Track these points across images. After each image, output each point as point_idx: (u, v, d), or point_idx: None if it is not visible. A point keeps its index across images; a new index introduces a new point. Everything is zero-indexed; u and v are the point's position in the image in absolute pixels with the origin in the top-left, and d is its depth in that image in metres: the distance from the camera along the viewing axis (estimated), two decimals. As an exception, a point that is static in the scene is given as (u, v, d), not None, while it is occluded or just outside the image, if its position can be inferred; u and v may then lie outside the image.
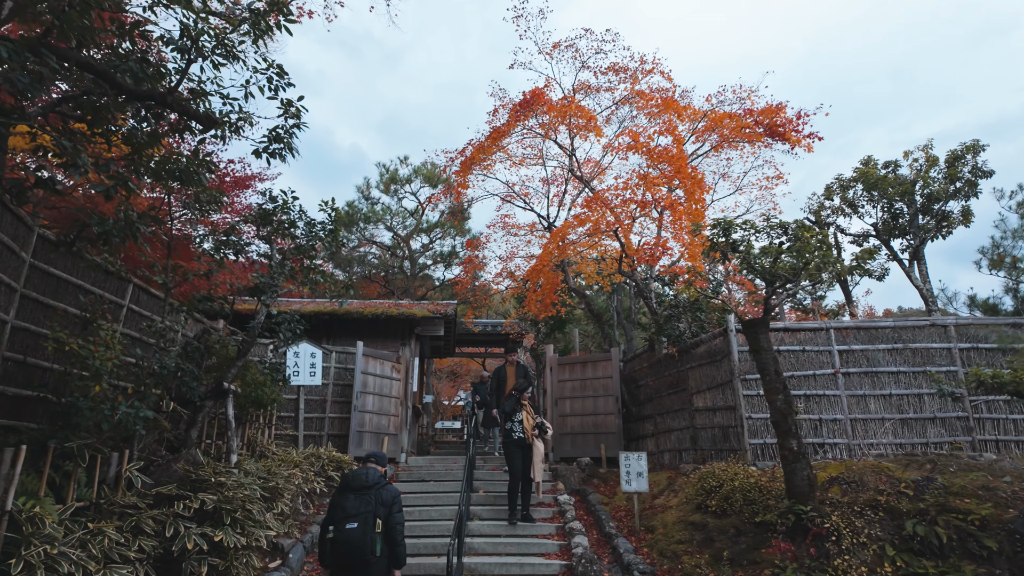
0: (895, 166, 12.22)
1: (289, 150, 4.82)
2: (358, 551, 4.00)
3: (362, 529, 4.05)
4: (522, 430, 8.11)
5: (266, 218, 7.12)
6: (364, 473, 4.36)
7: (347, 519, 4.09)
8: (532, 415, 8.23)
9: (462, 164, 12.02)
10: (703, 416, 9.16)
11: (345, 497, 4.23)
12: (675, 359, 10.06)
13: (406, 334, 13.10)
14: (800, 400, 8.04)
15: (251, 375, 7.41)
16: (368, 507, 4.15)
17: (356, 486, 4.27)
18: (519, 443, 8.08)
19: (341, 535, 4.05)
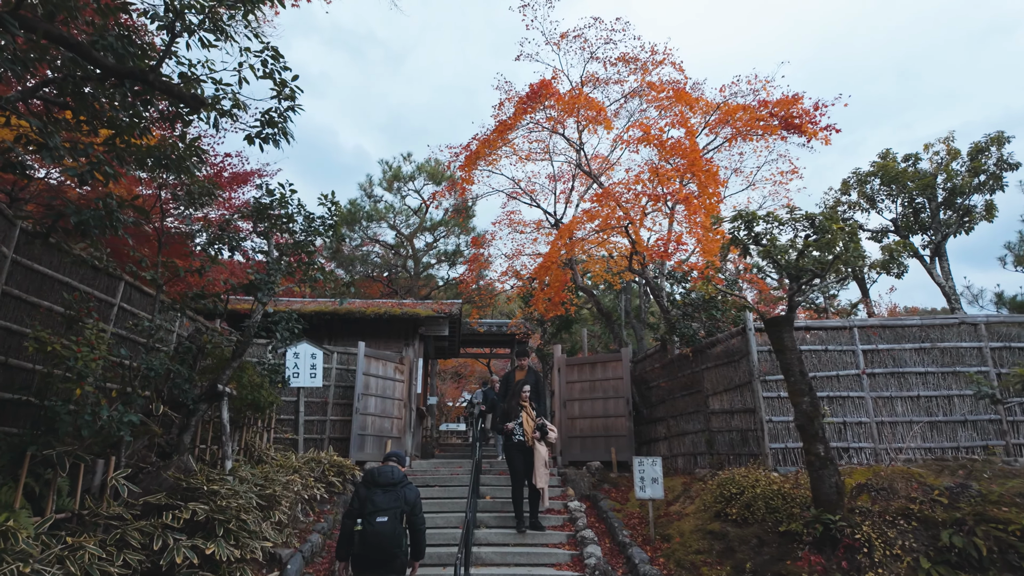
0: (915, 159, 11.85)
1: (284, 135, 4.51)
2: (387, 543, 4.23)
3: (392, 524, 4.29)
4: (522, 432, 7.70)
5: (262, 213, 6.83)
6: (390, 470, 4.60)
7: (377, 513, 4.29)
8: (533, 416, 7.77)
9: (467, 159, 11.71)
10: (720, 419, 8.82)
11: (374, 492, 4.43)
12: (689, 360, 9.73)
13: (410, 334, 12.81)
14: (823, 402, 7.69)
15: (248, 377, 7.12)
16: (397, 503, 4.39)
17: (384, 482, 4.48)
18: (519, 446, 7.70)
19: (371, 528, 4.23)
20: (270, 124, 4.47)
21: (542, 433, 7.65)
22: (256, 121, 4.50)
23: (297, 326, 6.67)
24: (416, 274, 20.65)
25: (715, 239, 8.92)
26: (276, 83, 4.43)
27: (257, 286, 6.00)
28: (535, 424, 7.72)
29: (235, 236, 6.15)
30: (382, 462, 4.99)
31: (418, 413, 13.30)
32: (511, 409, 7.88)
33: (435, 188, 19.81)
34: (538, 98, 10.71)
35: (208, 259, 5.62)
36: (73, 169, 3.14)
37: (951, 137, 11.83)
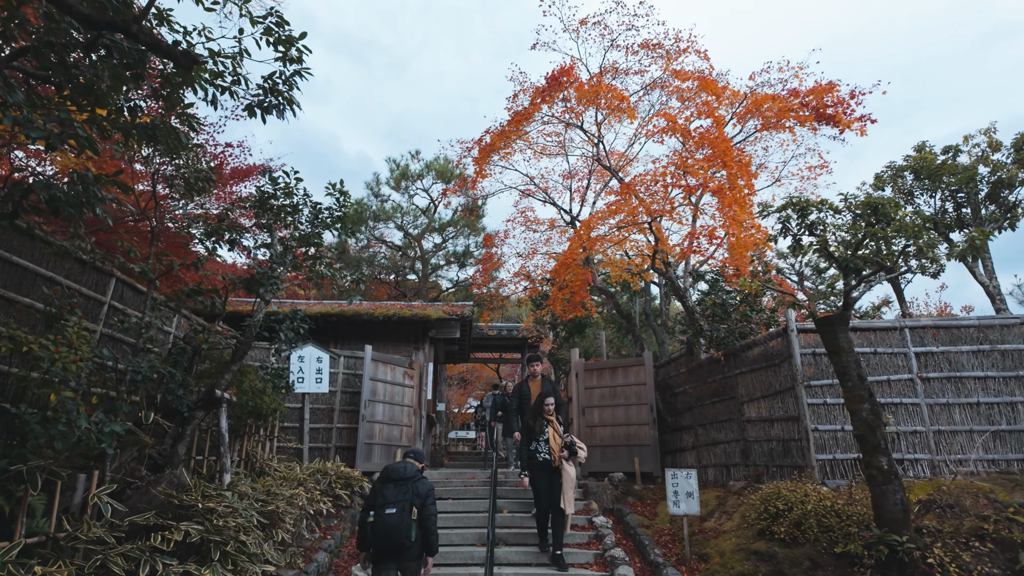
0: (955, 151, 11.27)
1: (289, 105, 3.99)
2: (395, 534, 4.47)
3: (399, 515, 4.52)
4: (548, 451, 6.81)
5: (265, 204, 6.32)
6: (403, 466, 4.85)
7: (387, 505, 4.57)
8: (560, 433, 6.89)
9: (480, 151, 11.19)
10: (756, 427, 8.24)
11: (385, 486, 4.70)
12: (720, 364, 9.16)
13: (419, 337, 12.29)
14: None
15: (249, 382, 6.60)
16: (406, 496, 4.62)
17: (396, 477, 4.74)
18: (544, 466, 6.79)
19: (381, 519, 4.52)
20: (273, 92, 3.96)
21: (570, 452, 6.74)
22: (256, 88, 3.99)
23: (303, 326, 6.16)
24: (424, 275, 20.12)
25: (749, 234, 8.37)
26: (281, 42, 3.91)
27: (259, 281, 5.49)
28: (563, 442, 6.85)
29: (235, 227, 5.65)
30: (402, 459, 5.25)
31: (428, 420, 12.76)
32: (534, 425, 6.98)
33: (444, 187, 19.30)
34: (557, 87, 10.21)
35: (206, 252, 5.11)
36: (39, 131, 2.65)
37: (992, 128, 11.26)
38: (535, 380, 8.06)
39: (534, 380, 8.07)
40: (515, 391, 8.43)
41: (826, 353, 7.40)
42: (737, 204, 8.29)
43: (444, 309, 12.08)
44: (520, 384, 8.44)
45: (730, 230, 7.98)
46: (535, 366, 8.25)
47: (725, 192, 8.01)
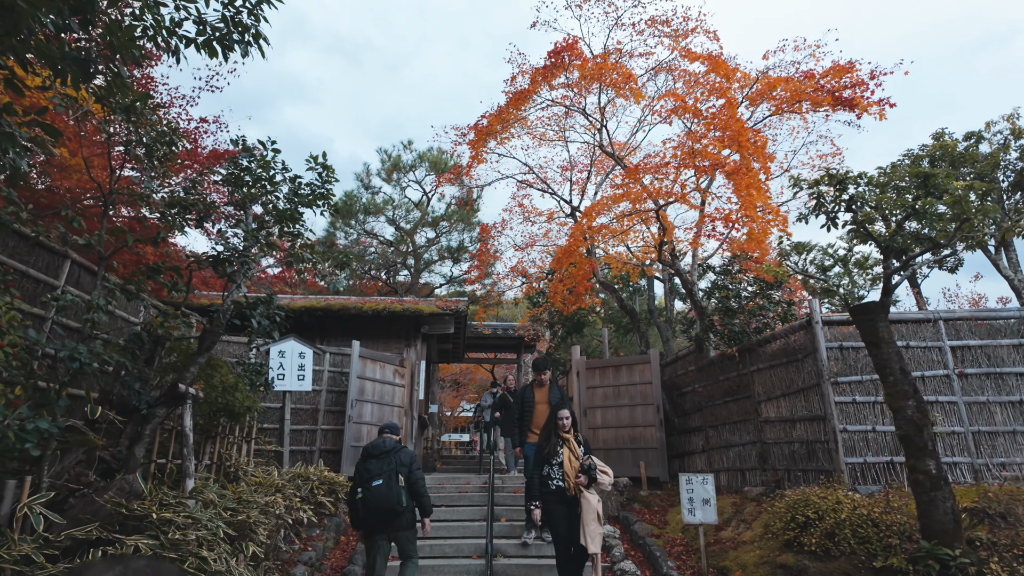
0: (977, 138, 10.80)
1: (256, 40, 3.38)
2: (386, 502, 4.72)
3: (387, 484, 4.76)
4: (562, 476, 5.11)
5: (238, 180, 5.70)
6: (382, 441, 5.10)
7: (372, 478, 4.80)
8: (578, 453, 5.24)
9: (477, 133, 10.60)
10: (775, 429, 7.69)
11: (368, 462, 4.95)
12: (734, 361, 8.60)
13: (411, 333, 11.67)
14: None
15: (220, 376, 5.97)
16: (390, 467, 4.87)
17: (376, 453, 4.98)
18: (559, 495, 5.09)
19: (369, 492, 4.75)
20: (235, 24, 3.35)
21: (590, 478, 5.10)
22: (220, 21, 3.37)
23: (278, 313, 5.53)
24: (417, 271, 19.46)
25: (766, 219, 7.82)
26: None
27: (228, 260, 4.87)
28: (581, 464, 5.18)
29: (203, 200, 5.02)
30: (378, 434, 5.41)
31: (420, 422, 12.13)
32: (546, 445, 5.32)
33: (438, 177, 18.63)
34: (559, 66, 9.65)
35: (167, 225, 4.49)
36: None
37: (1015, 115, 10.80)
38: (541, 388, 7.08)
39: (540, 388, 7.08)
40: (518, 396, 7.34)
41: (854, 347, 6.89)
42: (753, 188, 7.75)
43: (438, 304, 11.48)
44: (523, 390, 7.36)
45: (747, 214, 7.44)
46: (544, 374, 7.07)
47: (742, 173, 7.47)
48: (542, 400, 6.94)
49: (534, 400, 7.07)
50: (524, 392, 7.29)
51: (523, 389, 7.31)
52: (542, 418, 6.46)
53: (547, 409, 6.41)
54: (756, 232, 7.59)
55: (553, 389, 7.04)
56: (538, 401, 6.99)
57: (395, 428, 5.47)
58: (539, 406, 6.94)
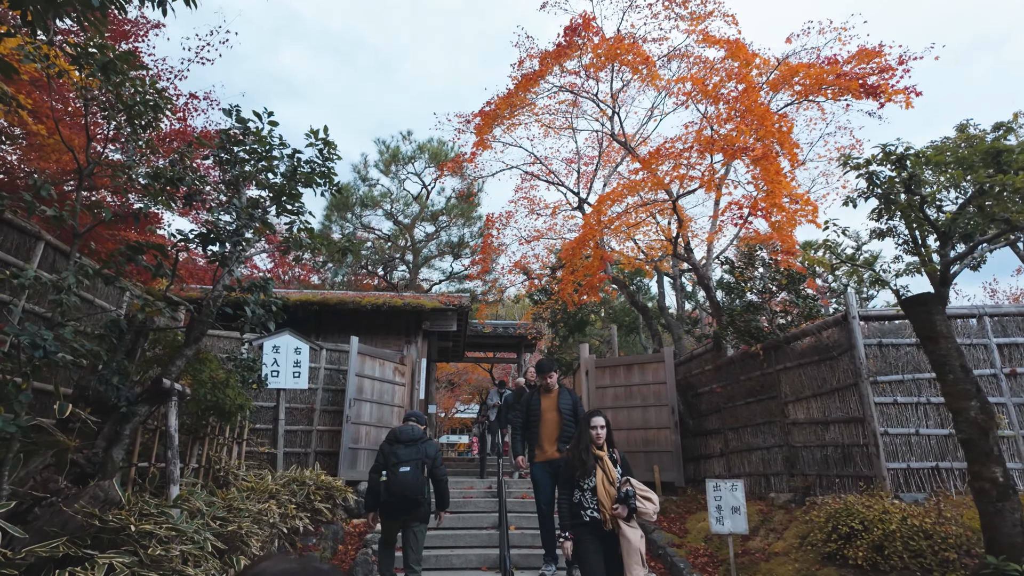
0: (1007, 129, 10.40)
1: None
2: (411, 490, 4.78)
3: (414, 473, 4.83)
4: (597, 505, 3.99)
5: (233, 156, 5.19)
6: (411, 428, 5.15)
7: (400, 464, 4.85)
8: (613, 474, 4.06)
9: (483, 117, 10.11)
10: (805, 431, 7.25)
11: (396, 447, 4.99)
12: (757, 359, 8.17)
13: (411, 330, 11.18)
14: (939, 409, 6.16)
15: (209, 372, 5.47)
16: (418, 456, 4.93)
17: (405, 439, 5.04)
18: (593, 529, 4.00)
19: (395, 477, 4.79)
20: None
21: (629, 508, 3.91)
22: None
23: (274, 302, 5.02)
24: (416, 266, 18.92)
25: (794, 210, 7.39)
26: None
27: (218, 238, 4.37)
28: (619, 489, 3.99)
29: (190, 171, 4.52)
30: (403, 421, 5.56)
31: (420, 423, 11.63)
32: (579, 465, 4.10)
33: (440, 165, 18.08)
34: (571, 46, 9.19)
35: (149, 198, 3.99)
36: None
37: (1044, 105, 10.39)
38: (549, 393, 5.82)
39: (547, 393, 5.82)
40: (523, 403, 6.06)
41: (895, 344, 6.47)
42: (779, 175, 7.33)
43: (440, 299, 11.00)
44: (528, 396, 6.01)
45: (774, 202, 7.00)
46: (550, 377, 5.80)
47: (771, 159, 7.03)
48: (550, 408, 5.70)
49: (540, 408, 5.75)
50: (529, 399, 5.91)
51: (528, 396, 5.98)
52: (552, 430, 5.60)
53: (557, 418, 5.60)
54: (783, 222, 7.16)
55: (564, 394, 5.80)
56: (545, 409, 5.70)
57: (421, 417, 5.53)
58: (547, 415, 5.67)
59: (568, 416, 5.64)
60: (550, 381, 5.84)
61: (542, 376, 5.84)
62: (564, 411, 5.66)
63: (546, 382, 5.84)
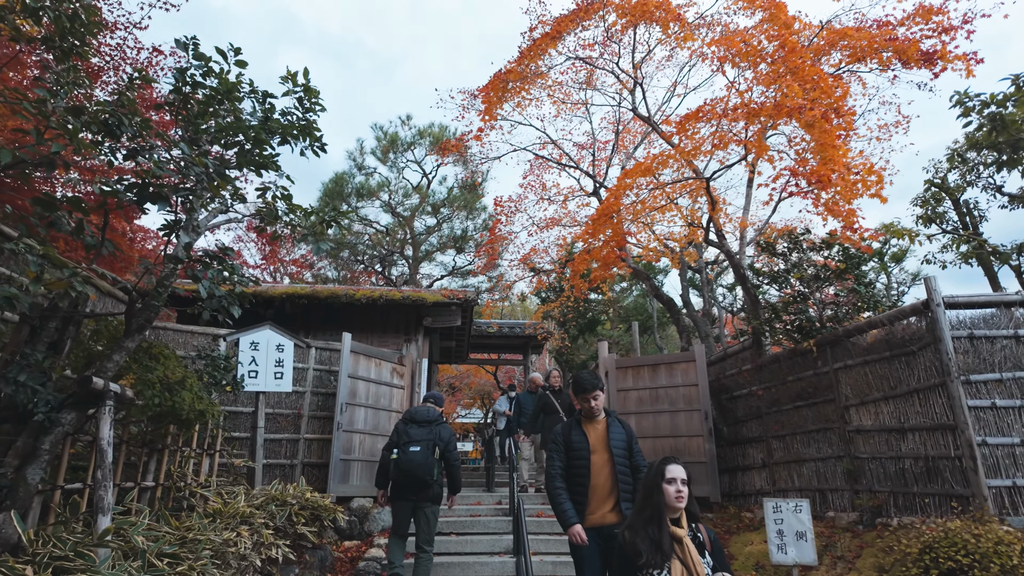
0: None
1: None
2: (420, 470, 4.88)
3: (424, 454, 4.93)
4: None
5: (184, 97, 4.23)
6: (426, 409, 5.28)
7: (411, 443, 4.98)
8: (696, 561, 2.51)
9: (492, 83, 9.13)
10: (874, 440, 6.27)
11: (409, 426, 5.13)
12: (809, 357, 7.19)
13: (411, 327, 10.21)
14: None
15: (163, 370, 4.49)
16: (430, 436, 5.04)
17: (420, 419, 5.17)
18: None
19: (405, 456, 4.93)
20: None
21: None
22: None
23: (240, 279, 4.05)
24: (415, 260, 17.89)
25: (855, 179, 6.42)
26: None
27: (160, 193, 3.37)
28: None
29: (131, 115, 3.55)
30: (422, 402, 5.58)
31: (420, 430, 10.64)
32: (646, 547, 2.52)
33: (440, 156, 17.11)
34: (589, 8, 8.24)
35: (66, 136, 3.03)
36: None
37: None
38: (594, 423, 3.94)
39: (592, 422, 3.94)
40: (556, 437, 4.00)
41: (988, 336, 5.48)
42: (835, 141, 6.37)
43: (443, 292, 10.02)
44: (565, 427, 4.02)
45: (835, 169, 6.04)
46: (595, 398, 3.89)
47: (829, 119, 6.06)
48: (599, 447, 3.82)
49: (587, 446, 3.82)
50: (568, 433, 3.94)
51: (564, 427, 4.02)
52: (602, 479, 3.73)
53: (608, 463, 3.74)
54: (843, 192, 6.19)
55: (615, 426, 3.91)
56: (594, 449, 3.82)
57: (439, 399, 5.56)
58: (596, 457, 3.79)
59: (622, 458, 3.78)
60: (595, 404, 3.88)
61: (585, 397, 3.89)
62: (617, 452, 3.76)
63: (590, 406, 3.89)
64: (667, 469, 2.67)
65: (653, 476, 2.68)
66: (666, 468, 2.67)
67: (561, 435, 3.94)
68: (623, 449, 3.83)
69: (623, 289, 26.19)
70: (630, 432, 4.00)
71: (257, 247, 16.57)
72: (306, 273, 17.85)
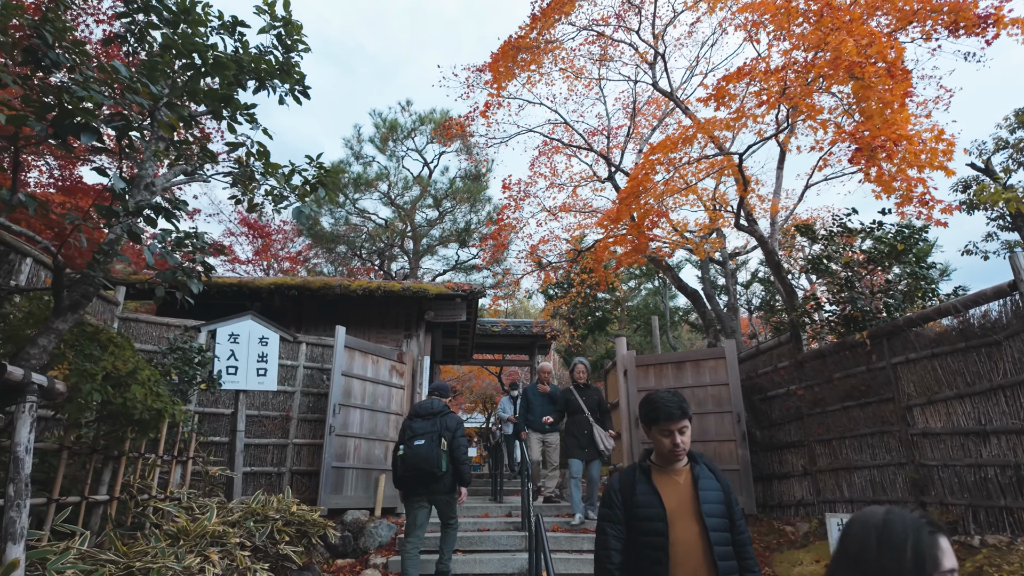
0: None
1: None
2: (425, 463, 4.84)
3: (428, 446, 4.89)
4: None
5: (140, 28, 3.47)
6: (430, 403, 5.25)
7: (415, 437, 4.96)
8: None
9: (503, 50, 8.36)
10: (945, 445, 5.49)
11: (414, 421, 5.12)
12: (860, 351, 6.42)
13: (412, 321, 9.44)
14: None
15: (112, 361, 3.73)
16: (434, 428, 5.01)
17: (424, 412, 5.16)
18: None
19: (410, 450, 4.90)
20: None
21: None
22: None
23: (198, 240, 3.28)
24: (416, 254, 17.07)
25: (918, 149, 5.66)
26: None
27: (87, 125, 2.57)
28: None
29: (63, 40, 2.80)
30: (428, 395, 5.70)
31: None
32: None
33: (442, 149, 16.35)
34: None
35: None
36: None
37: None
38: (673, 474, 2.46)
39: (671, 474, 2.46)
40: (610, 496, 2.46)
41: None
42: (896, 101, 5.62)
43: (447, 284, 9.26)
44: (623, 479, 2.51)
45: (901, 133, 5.29)
46: (682, 430, 2.43)
47: (896, 74, 5.32)
48: (683, 512, 2.37)
49: (662, 511, 2.36)
50: (627, 490, 2.45)
51: (621, 479, 2.52)
52: (690, 568, 2.29)
53: (700, 540, 2.31)
54: (910, 159, 5.44)
55: (706, 478, 2.44)
56: (675, 517, 2.36)
57: (444, 389, 5.54)
58: (679, 530, 2.34)
59: (721, 530, 2.36)
60: (681, 442, 2.42)
61: (664, 429, 2.43)
62: (713, 521, 2.34)
63: (672, 444, 2.41)
64: (941, 555, 1.13)
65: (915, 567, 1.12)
66: (940, 553, 1.13)
67: (618, 491, 2.43)
68: (720, 516, 2.35)
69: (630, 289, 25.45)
70: (727, 486, 2.46)
71: (248, 240, 15.84)
72: (300, 269, 17.10)
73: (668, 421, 2.42)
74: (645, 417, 2.53)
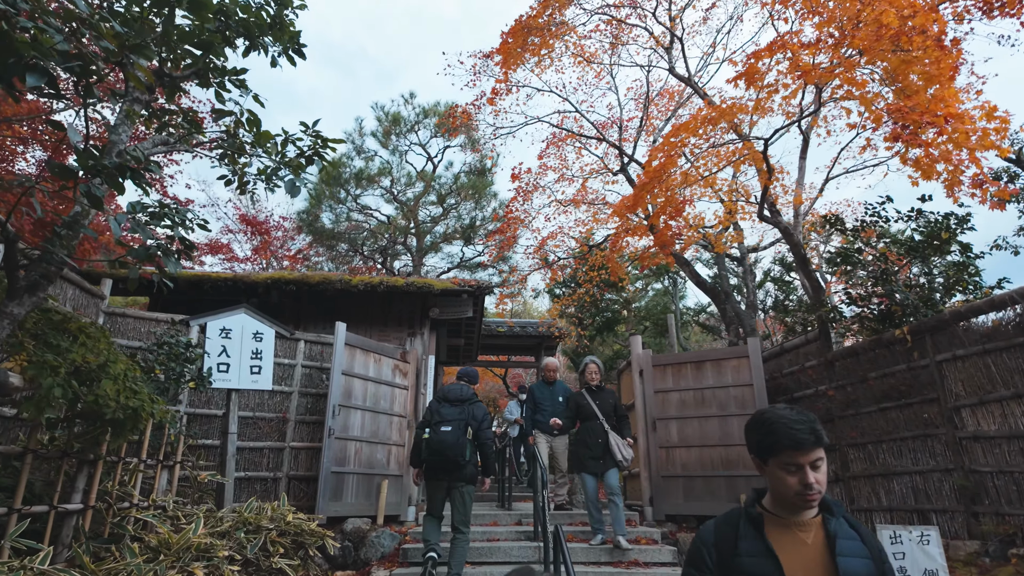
0: None
1: None
2: (451, 451, 4.79)
3: (455, 434, 4.84)
4: None
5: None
6: (459, 388, 5.18)
7: (443, 423, 4.90)
8: None
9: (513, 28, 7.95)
10: (999, 450, 5.06)
11: (442, 405, 5.05)
12: (900, 348, 6.00)
13: (416, 319, 9.03)
14: None
15: (82, 352, 3.32)
16: (463, 416, 4.95)
17: (452, 398, 5.08)
18: None
19: (436, 436, 4.85)
20: None
21: None
22: None
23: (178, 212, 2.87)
24: (420, 251, 16.65)
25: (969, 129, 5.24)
26: None
27: (35, 65, 2.18)
28: None
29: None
30: (456, 379, 5.45)
31: (426, 438, 9.44)
32: None
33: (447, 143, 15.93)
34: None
35: None
36: None
37: None
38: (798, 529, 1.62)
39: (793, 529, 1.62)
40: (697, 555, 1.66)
41: None
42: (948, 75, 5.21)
43: (453, 279, 8.85)
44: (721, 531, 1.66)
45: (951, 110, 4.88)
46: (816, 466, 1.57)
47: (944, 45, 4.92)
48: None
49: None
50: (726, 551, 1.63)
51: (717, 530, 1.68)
52: None
53: None
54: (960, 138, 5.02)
55: (846, 539, 1.59)
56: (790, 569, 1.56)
57: (473, 376, 5.46)
58: None
59: None
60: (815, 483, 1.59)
61: (790, 461, 1.58)
62: None
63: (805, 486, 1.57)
64: None
65: None
66: None
67: (713, 547, 1.67)
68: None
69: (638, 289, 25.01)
70: (878, 551, 1.64)
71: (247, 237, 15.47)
72: (300, 267, 16.71)
73: (795, 451, 1.59)
74: (759, 444, 1.67)
